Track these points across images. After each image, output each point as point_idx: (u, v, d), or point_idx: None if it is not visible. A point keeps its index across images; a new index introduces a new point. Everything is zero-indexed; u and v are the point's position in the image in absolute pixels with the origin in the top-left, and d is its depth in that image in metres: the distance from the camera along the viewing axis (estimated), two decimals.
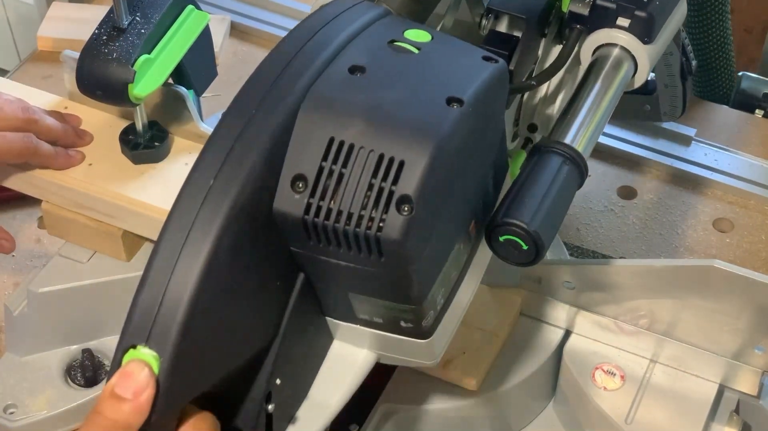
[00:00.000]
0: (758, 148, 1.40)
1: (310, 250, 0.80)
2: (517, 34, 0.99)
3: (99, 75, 1.07)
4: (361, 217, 0.77)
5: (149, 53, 1.08)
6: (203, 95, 1.21)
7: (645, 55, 1.00)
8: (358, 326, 0.87)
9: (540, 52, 1.04)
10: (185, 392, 0.76)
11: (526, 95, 1.06)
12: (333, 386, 0.89)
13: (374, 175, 0.77)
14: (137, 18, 1.09)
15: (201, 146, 1.13)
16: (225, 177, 0.76)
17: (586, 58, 1.03)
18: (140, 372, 0.73)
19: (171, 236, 0.75)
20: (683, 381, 1.09)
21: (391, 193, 0.77)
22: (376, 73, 0.81)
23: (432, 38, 0.85)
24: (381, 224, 0.77)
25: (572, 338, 1.12)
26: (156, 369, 0.73)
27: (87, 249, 1.15)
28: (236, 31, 1.53)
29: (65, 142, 1.13)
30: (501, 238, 0.86)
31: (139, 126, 1.13)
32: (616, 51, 1.01)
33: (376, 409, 1.09)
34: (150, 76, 1.08)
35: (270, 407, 0.83)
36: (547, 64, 1.04)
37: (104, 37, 1.08)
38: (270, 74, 0.81)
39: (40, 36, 1.48)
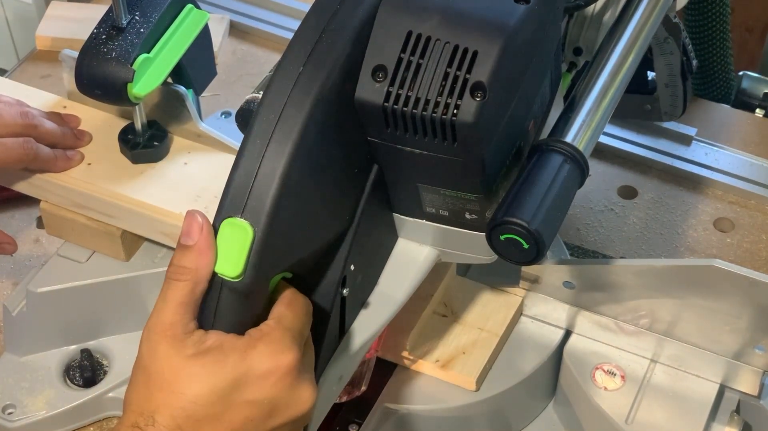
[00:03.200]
0: (759, 147, 1.39)
1: (387, 139, 0.87)
2: None
3: (98, 74, 1.07)
4: (437, 103, 0.84)
5: (148, 52, 1.08)
6: (202, 94, 1.21)
7: None
8: (423, 221, 0.94)
9: None
10: (275, 261, 0.83)
11: (573, 19, 1.09)
12: (398, 281, 0.97)
13: (449, 64, 0.83)
14: (136, 17, 1.09)
15: (200, 145, 1.14)
16: (313, 64, 0.82)
17: None
18: (195, 220, 0.81)
19: (264, 117, 0.82)
20: (684, 381, 1.09)
21: (465, 81, 0.83)
22: None
23: None
24: (456, 110, 0.83)
25: (572, 338, 1.12)
26: (250, 238, 0.80)
27: (86, 248, 1.15)
28: (235, 30, 1.52)
29: (64, 144, 1.13)
30: (502, 237, 0.86)
31: (138, 125, 1.12)
32: None
33: (376, 409, 1.08)
34: (149, 75, 1.08)
35: (345, 291, 0.90)
36: None
37: (103, 37, 1.08)
38: None
39: (38, 35, 1.48)
